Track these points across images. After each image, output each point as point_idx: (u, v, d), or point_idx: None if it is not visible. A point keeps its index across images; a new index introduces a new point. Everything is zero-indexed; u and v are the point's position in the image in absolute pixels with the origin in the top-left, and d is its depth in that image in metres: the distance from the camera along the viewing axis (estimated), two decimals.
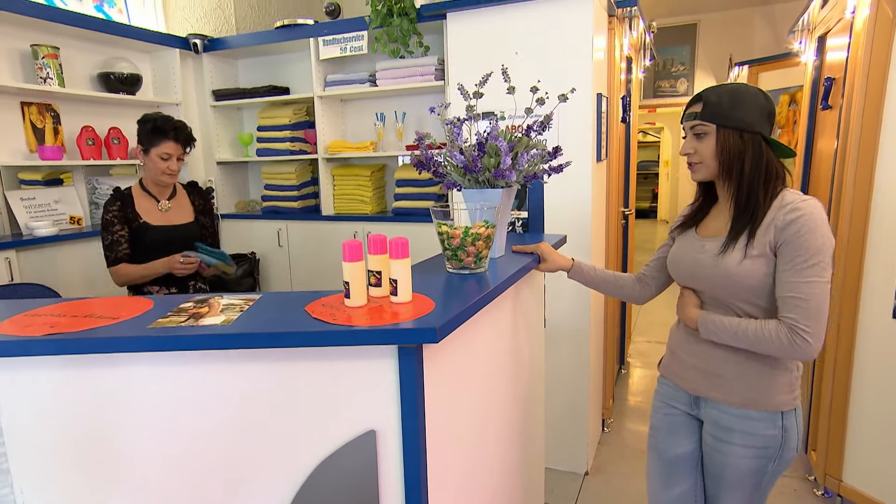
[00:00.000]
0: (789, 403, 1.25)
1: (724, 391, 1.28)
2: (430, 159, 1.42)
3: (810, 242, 1.12)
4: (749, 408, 1.25)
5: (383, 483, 0.99)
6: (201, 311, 1.04)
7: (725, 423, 1.28)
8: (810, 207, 1.14)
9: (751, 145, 1.20)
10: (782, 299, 1.15)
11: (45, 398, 0.98)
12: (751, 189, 1.21)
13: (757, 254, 1.18)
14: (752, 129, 1.20)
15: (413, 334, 0.92)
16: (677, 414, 1.42)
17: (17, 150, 2.64)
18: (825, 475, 2.23)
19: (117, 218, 2.04)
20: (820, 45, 2.79)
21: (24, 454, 1.00)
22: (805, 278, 1.12)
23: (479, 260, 1.30)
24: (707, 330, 1.25)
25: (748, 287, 1.20)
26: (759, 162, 1.20)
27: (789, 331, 1.13)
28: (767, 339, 1.15)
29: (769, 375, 1.24)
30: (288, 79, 3.38)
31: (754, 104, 1.20)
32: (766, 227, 1.18)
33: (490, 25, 2.35)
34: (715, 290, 1.26)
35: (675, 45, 6.44)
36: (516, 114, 1.47)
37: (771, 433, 1.24)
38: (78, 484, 1.00)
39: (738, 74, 4.46)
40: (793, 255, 1.13)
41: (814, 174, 2.86)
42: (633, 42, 3.09)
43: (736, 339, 1.21)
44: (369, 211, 3.11)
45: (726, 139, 1.21)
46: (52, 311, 1.06)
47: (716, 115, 1.21)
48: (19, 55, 2.63)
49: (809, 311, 1.12)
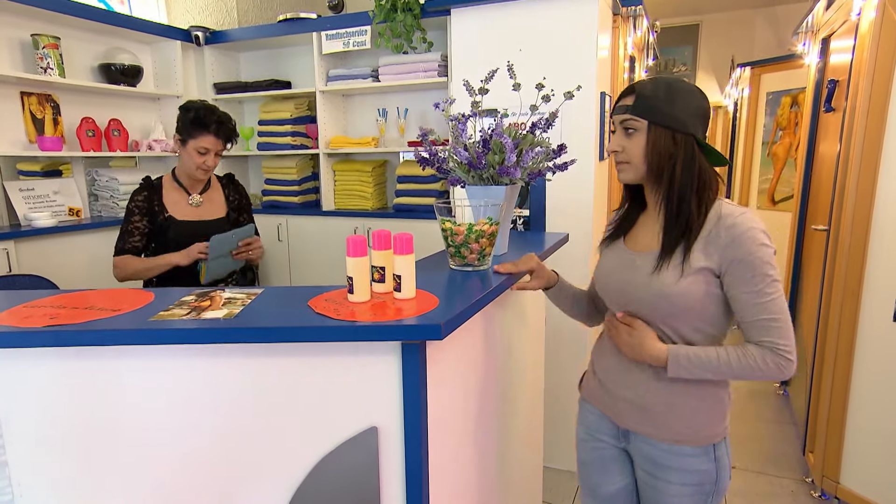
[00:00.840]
0: (721, 434, 1.18)
1: (655, 426, 1.17)
2: (434, 155, 1.42)
3: (760, 259, 1.04)
4: (682, 443, 1.15)
5: (384, 479, 0.99)
6: (203, 304, 1.03)
7: (659, 460, 1.18)
8: (750, 221, 1.06)
9: (683, 147, 1.08)
10: (752, 324, 1.06)
11: (45, 390, 0.97)
12: (682, 197, 1.09)
13: (694, 271, 1.07)
14: (685, 129, 1.08)
15: (417, 331, 0.92)
16: (605, 447, 1.30)
17: (16, 140, 2.62)
18: (822, 477, 2.23)
19: (139, 208, 1.93)
20: (824, 47, 2.79)
21: (23, 446, 0.99)
22: (769, 297, 1.04)
23: (483, 257, 1.30)
24: (678, 367, 1.10)
25: (687, 309, 1.09)
26: (691, 167, 1.09)
27: (773, 354, 1.05)
28: (754, 367, 1.06)
29: (704, 408, 1.16)
30: (290, 73, 3.37)
31: (691, 102, 1.09)
32: (703, 242, 1.07)
33: (494, 22, 2.34)
34: (650, 312, 1.14)
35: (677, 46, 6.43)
36: (521, 111, 1.46)
37: (705, 468, 1.16)
38: (76, 477, 1.00)
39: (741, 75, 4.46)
40: (750, 276, 1.05)
41: (815, 177, 2.86)
42: (636, 41, 3.09)
43: (717, 373, 1.09)
44: (370, 207, 3.10)
45: (657, 138, 1.09)
46: (52, 303, 1.05)
47: (648, 109, 1.09)
48: (20, 45, 2.61)
49: (783, 330, 1.05)
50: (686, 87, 1.10)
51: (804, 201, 2.99)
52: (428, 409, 0.98)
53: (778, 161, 3.95)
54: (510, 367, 1.54)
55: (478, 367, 1.29)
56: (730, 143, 5.24)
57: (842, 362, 2.13)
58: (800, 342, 2.86)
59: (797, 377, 2.92)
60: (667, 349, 1.11)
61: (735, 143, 4.90)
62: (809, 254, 2.84)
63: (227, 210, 2.09)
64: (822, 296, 2.25)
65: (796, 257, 3.08)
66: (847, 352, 2.11)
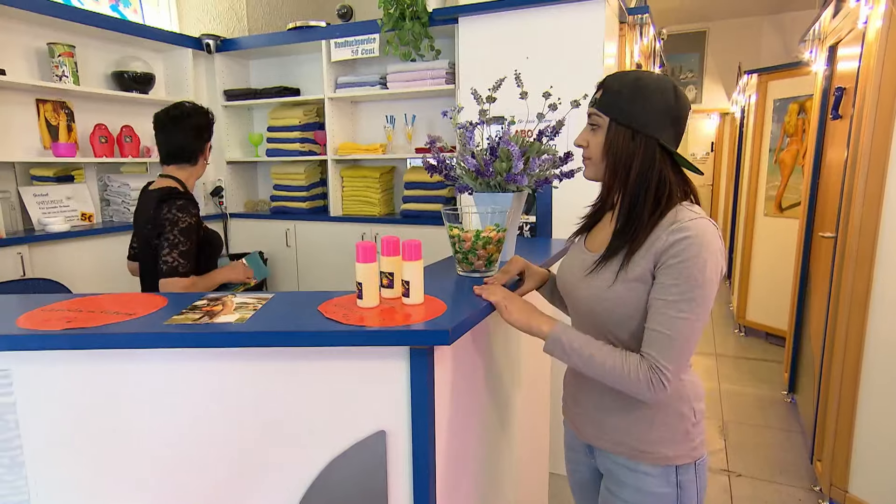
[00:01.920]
0: (686, 456, 1.06)
1: (612, 441, 1.11)
2: (442, 162, 1.43)
3: (690, 271, 0.94)
4: (637, 460, 1.07)
5: (392, 484, 0.99)
6: (215, 308, 1.04)
7: (617, 475, 1.11)
8: (699, 230, 0.95)
9: (642, 150, 1.00)
10: (647, 330, 0.98)
11: (61, 392, 0.99)
12: (634, 202, 1.02)
13: (633, 278, 1.00)
14: (645, 130, 0.99)
15: (425, 336, 0.92)
16: (582, 469, 1.26)
17: (31, 146, 2.67)
18: (830, 486, 2.21)
19: (198, 224, 1.75)
20: (831, 55, 2.79)
21: (39, 446, 1.00)
22: (677, 312, 0.94)
23: (490, 263, 1.31)
24: (554, 345, 1.03)
25: (626, 317, 1.02)
26: (648, 172, 1.00)
27: (649, 370, 0.96)
28: (624, 375, 0.97)
29: (659, 424, 1.06)
30: (299, 80, 3.41)
31: (658, 102, 0.99)
32: (647, 248, 0.99)
33: (501, 30, 2.36)
34: (590, 316, 1.08)
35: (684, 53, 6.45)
36: (527, 118, 1.47)
37: (663, 491, 1.06)
38: (90, 477, 1.01)
39: (748, 82, 4.46)
40: (668, 284, 0.95)
41: (822, 184, 2.85)
42: (643, 49, 3.10)
43: (588, 368, 1.01)
44: (377, 213, 3.12)
45: (616, 136, 1.01)
46: (69, 307, 1.07)
47: (612, 106, 1.01)
48: (36, 53, 2.66)
49: (672, 351, 0.95)
50: (657, 84, 1.00)
51: (811, 208, 2.98)
52: (435, 413, 0.98)
53: (785, 168, 3.94)
54: (517, 373, 1.54)
55: (485, 372, 1.29)
56: (737, 149, 5.23)
57: (850, 369, 2.11)
58: (808, 350, 2.85)
59: (805, 385, 2.91)
60: (550, 330, 1.04)
61: (742, 150, 4.89)
62: (817, 261, 2.84)
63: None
64: (829, 303, 2.24)
65: (804, 265, 3.07)
66: (855, 359, 2.10)
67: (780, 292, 3.86)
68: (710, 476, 2.50)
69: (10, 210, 2.57)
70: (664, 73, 6.34)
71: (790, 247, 3.49)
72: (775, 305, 4.03)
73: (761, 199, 4.18)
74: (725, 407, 3.23)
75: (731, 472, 2.55)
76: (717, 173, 7.19)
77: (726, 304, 5.33)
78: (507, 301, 1.10)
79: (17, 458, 1.00)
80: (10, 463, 1.00)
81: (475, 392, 1.24)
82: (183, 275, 1.69)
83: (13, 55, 2.57)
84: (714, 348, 4.19)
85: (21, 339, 0.93)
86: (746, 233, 4.33)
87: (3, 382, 0.97)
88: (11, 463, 1.00)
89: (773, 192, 4.06)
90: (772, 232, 4.11)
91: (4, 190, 2.55)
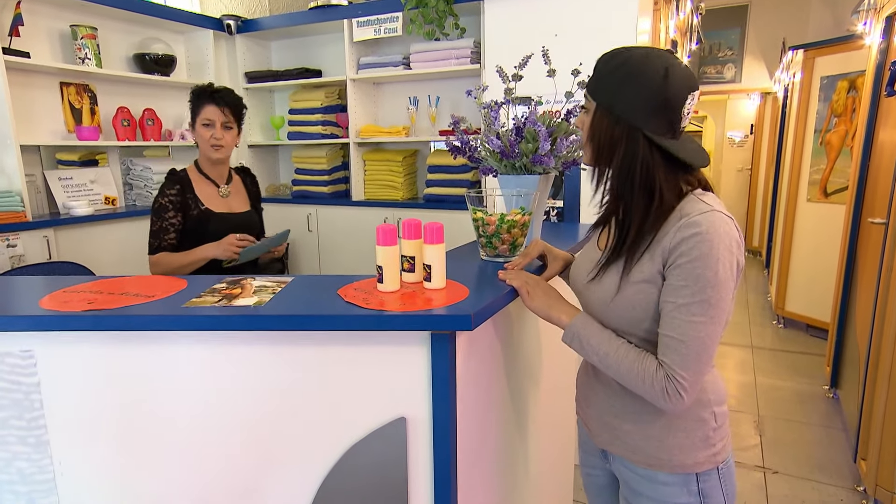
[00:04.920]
0: (707, 462, 0.98)
1: (627, 447, 1.04)
2: (466, 143, 1.37)
3: (701, 271, 0.86)
4: (654, 468, 1.00)
5: (412, 471, 0.98)
6: (234, 292, 1.04)
7: (633, 485, 1.05)
8: (710, 224, 0.86)
9: (625, 140, 0.91)
10: (661, 335, 0.91)
11: (83, 373, 0.99)
12: (621, 197, 0.94)
13: (640, 280, 0.92)
14: (628, 119, 0.90)
15: (447, 321, 0.90)
16: (597, 475, 1.20)
17: (56, 130, 2.68)
18: (876, 486, 2.10)
19: (172, 203, 1.84)
20: (888, 26, 2.59)
21: (63, 427, 1.02)
22: (689, 316, 0.87)
23: (515, 248, 1.27)
24: (572, 339, 0.99)
25: (633, 318, 0.95)
26: (631, 164, 0.91)
27: (666, 378, 0.89)
28: (640, 380, 0.91)
29: (676, 429, 0.98)
30: (320, 61, 3.35)
31: (644, 85, 0.88)
32: (654, 246, 0.92)
33: (529, 6, 2.26)
34: (598, 315, 1.02)
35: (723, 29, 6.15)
36: (555, 98, 1.39)
37: (683, 501, 0.99)
38: (112, 457, 1.02)
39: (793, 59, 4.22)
40: (678, 286, 0.88)
41: (873, 167, 2.68)
42: (679, 24, 2.94)
43: (604, 365, 0.96)
44: (400, 197, 3.06)
45: (599, 123, 0.94)
46: (90, 289, 1.08)
47: (597, 89, 0.93)
48: (59, 36, 2.66)
49: (687, 359, 0.87)
50: (645, 64, 0.89)
51: (860, 193, 2.80)
52: (457, 400, 0.96)
53: (832, 150, 3.73)
54: (541, 361, 1.49)
55: (508, 359, 1.25)
56: (779, 131, 4.99)
57: None
58: (853, 343, 2.70)
59: (849, 380, 2.77)
60: (569, 321, 0.99)
61: (784, 132, 4.65)
62: (865, 249, 2.67)
63: (251, 202, 2.07)
64: (878, 293, 2.11)
65: (850, 252, 2.91)
66: None
67: (822, 282, 3.68)
68: (744, 473, 2.40)
69: (37, 193, 2.59)
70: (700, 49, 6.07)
71: (834, 234, 3.31)
72: (817, 296, 3.85)
73: (804, 184, 3.98)
74: (762, 401, 3.10)
75: (767, 468, 2.44)
76: (756, 157, 6.87)
77: (764, 294, 5.14)
78: (531, 286, 1.06)
79: (42, 438, 1.01)
80: (35, 442, 1.02)
81: (498, 379, 1.20)
82: (151, 253, 1.84)
83: (37, 38, 2.58)
84: (750, 340, 4.03)
85: (43, 319, 0.94)
86: (787, 219, 4.13)
87: (27, 363, 0.99)
88: (37, 442, 1.02)
89: (818, 177, 3.85)
90: (815, 218, 3.91)
91: (31, 174, 2.57)
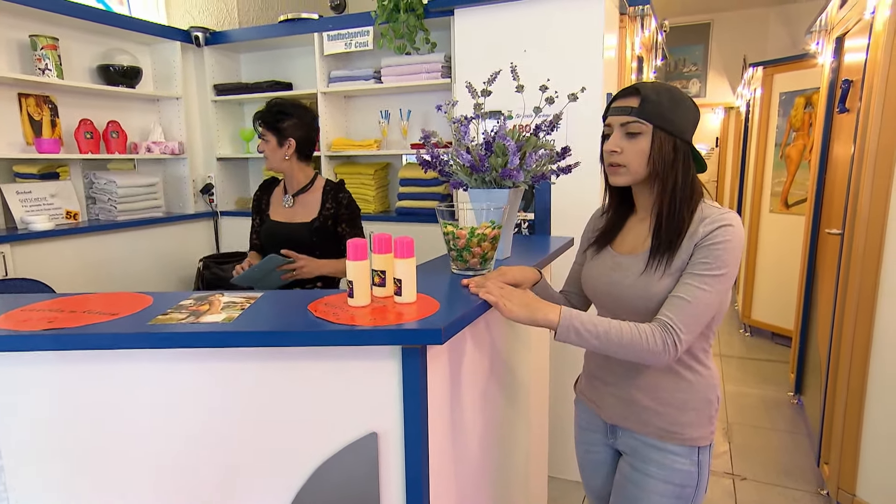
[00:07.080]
0: (706, 438, 1.17)
1: (641, 421, 1.18)
2: (436, 158, 1.38)
3: (722, 254, 1.04)
4: (666, 440, 1.15)
5: (384, 487, 0.97)
6: (202, 308, 1.02)
7: (642, 452, 1.18)
8: (737, 221, 1.07)
9: (682, 155, 1.10)
10: (670, 297, 1.06)
11: (42, 394, 0.96)
12: (679, 202, 1.10)
13: (676, 269, 1.09)
14: (683, 136, 1.10)
15: (417, 335, 0.90)
16: (597, 451, 1.31)
17: (13, 142, 2.59)
18: (838, 489, 2.16)
19: (253, 207, 2.09)
20: (838, 47, 2.71)
21: (19, 450, 0.98)
22: (700, 283, 1.04)
23: (485, 261, 1.27)
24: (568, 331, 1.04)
25: (658, 307, 1.10)
26: (687, 174, 1.10)
27: (663, 330, 1.03)
28: (640, 339, 1.02)
29: (689, 408, 1.15)
30: (291, 74, 3.33)
31: (690, 111, 1.11)
32: (686, 241, 1.09)
33: (499, 22, 2.29)
34: (632, 312, 1.14)
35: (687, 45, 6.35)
36: (524, 113, 1.41)
37: (688, 469, 1.15)
38: (72, 482, 0.99)
39: (753, 75, 4.38)
40: (699, 262, 1.05)
41: (829, 180, 2.78)
42: (644, 41, 3.02)
43: (604, 344, 1.04)
44: (372, 210, 3.05)
45: (662, 144, 1.08)
46: (50, 307, 1.04)
47: (655, 114, 1.07)
48: (17, 46, 2.58)
49: (688, 314, 1.03)
50: (684, 95, 1.12)
51: (818, 204, 2.91)
52: (428, 414, 0.96)
53: (791, 163, 3.87)
54: (513, 374, 1.50)
55: (480, 372, 1.25)
56: (742, 144, 5.15)
57: (857, 370, 2.06)
58: (815, 350, 2.79)
59: (812, 386, 2.85)
60: (559, 317, 1.05)
61: (747, 145, 4.81)
62: (823, 258, 2.77)
63: (316, 217, 1.98)
64: (836, 301, 2.18)
65: (810, 262, 3.01)
66: (862, 359, 2.04)
67: (786, 291, 3.79)
68: (714, 480, 2.45)
69: None
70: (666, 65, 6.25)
71: (796, 244, 3.42)
72: (781, 305, 3.96)
73: (767, 196, 4.11)
74: (730, 409, 3.17)
75: (736, 475, 2.49)
76: (721, 169, 7.08)
77: (731, 303, 5.27)
78: (505, 298, 1.08)
79: None
80: None
81: (470, 393, 1.20)
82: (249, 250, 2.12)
83: None
84: (719, 349, 4.12)
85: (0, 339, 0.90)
86: (752, 230, 4.26)
87: None
88: None
89: (779, 189, 3.98)
90: (777, 229, 4.04)
91: None
